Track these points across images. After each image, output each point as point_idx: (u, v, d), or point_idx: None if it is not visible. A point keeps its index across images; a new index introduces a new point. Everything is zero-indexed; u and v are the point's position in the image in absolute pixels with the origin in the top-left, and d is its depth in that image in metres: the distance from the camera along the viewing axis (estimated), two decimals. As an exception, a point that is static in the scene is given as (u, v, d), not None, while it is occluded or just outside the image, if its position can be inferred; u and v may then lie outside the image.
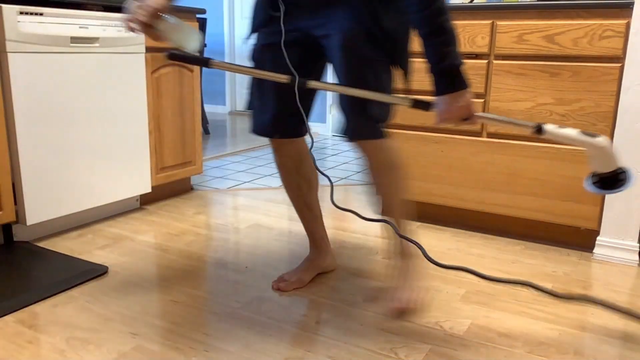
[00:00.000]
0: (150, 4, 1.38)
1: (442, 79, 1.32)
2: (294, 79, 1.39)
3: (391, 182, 1.57)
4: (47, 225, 2.13)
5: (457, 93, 1.32)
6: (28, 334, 1.42)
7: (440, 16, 1.27)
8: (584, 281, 1.82)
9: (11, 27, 1.83)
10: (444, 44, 1.29)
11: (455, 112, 1.33)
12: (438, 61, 1.30)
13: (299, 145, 1.67)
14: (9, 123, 1.90)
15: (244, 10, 6.08)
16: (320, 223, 1.81)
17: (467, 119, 1.35)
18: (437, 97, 1.34)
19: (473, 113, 1.35)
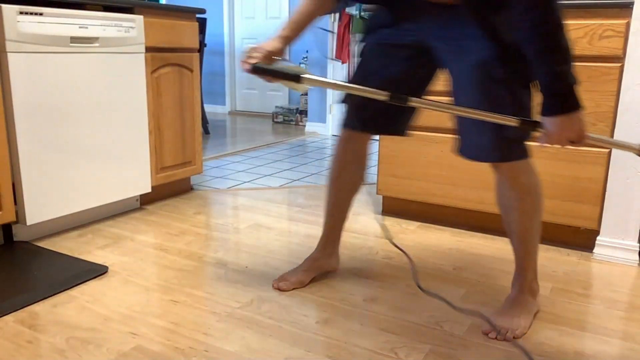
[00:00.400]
0: (265, 47, 1.47)
1: (555, 100, 1.22)
2: (392, 96, 1.30)
3: (528, 207, 1.46)
4: (47, 225, 2.13)
5: (569, 115, 1.22)
6: (28, 334, 1.42)
7: (557, 32, 1.17)
8: (584, 281, 1.82)
9: (11, 27, 1.83)
10: (559, 62, 1.18)
11: (566, 134, 1.23)
12: (552, 81, 1.20)
13: (365, 145, 1.68)
14: (9, 123, 1.90)
15: (243, 10, 6.08)
16: (341, 226, 1.78)
17: (576, 142, 1.25)
18: (546, 117, 1.24)
19: (584, 135, 1.24)
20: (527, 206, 1.46)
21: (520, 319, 1.49)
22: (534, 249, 1.51)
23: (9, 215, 1.94)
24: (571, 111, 1.21)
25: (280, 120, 5.68)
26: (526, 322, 1.49)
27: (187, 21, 2.56)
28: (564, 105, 1.21)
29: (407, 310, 1.58)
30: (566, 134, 1.23)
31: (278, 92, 6.05)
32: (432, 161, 2.29)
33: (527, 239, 1.49)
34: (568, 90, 1.20)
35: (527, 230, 1.48)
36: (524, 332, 1.46)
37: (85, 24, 2.07)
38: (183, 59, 2.58)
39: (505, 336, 1.44)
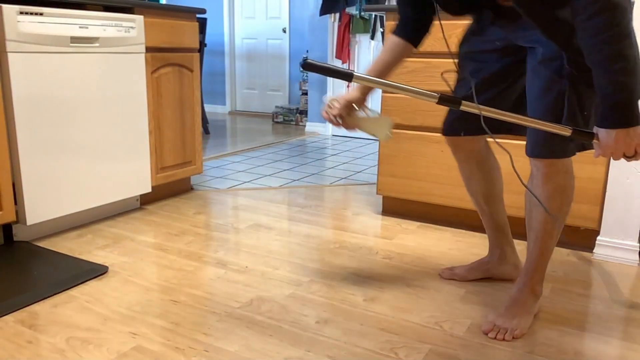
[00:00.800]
0: (346, 97, 1.54)
1: (612, 111, 1.17)
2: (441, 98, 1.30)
3: (555, 207, 1.44)
4: (47, 225, 2.13)
5: (627, 129, 1.17)
6: (28, 334, 1.42)
7: (622, 41, 1.12)
8: (584, 281, 1.82)
9: (11, 27, 1.83)
10: (622, 72, 1.12)
11: (622, 149, 1.19)
12: (612, 91, 1.15)
13: (477, 147, 1.67)
14: (9, 123, 1.90)
15: (244, 10, 6.08)
16: (500, 232, 1.76)
17: (632, 157, 1.21)
18: (603, 129, 1.20)
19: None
20: (554, 206, 1.43)
21: (521, 319, 1.48)
22: (547, 252, 1.49)
23: (9, 215, 1.94)
24: (629, 125, 1.16)
25: (281, 120, 5.68)
26: (526, 322, 1.48)
27: (187, 21, 2.56)
28: (622, 118, 1.16)
29: (407, 310, 1.58)
30: (621, 147, 1.19)
31: (278, 92, 6.06)
32: (432, 161, 2.29)
33: (544, 239, 1.47)
34: (628, 102, 1.15)
35: (547, 231, 1.46)
36: (523, 333, 1.46)
37: (85, 24, 2.07)
38: (183, 59, 2.58)
39: (505, 336, 1.44)
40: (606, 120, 1.18)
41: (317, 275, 1.82)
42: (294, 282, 1.76)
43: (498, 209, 1.74)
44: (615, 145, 1.19)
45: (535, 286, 1.52)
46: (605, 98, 1.16)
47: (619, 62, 1.12)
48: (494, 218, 1.75)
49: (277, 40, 5.92)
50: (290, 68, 5.89)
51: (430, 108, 2.26)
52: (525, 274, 1.52)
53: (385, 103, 2.36)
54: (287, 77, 5.93)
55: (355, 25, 4.60)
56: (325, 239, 2.18)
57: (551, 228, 1.46)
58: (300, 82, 5.62)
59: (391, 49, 1.58)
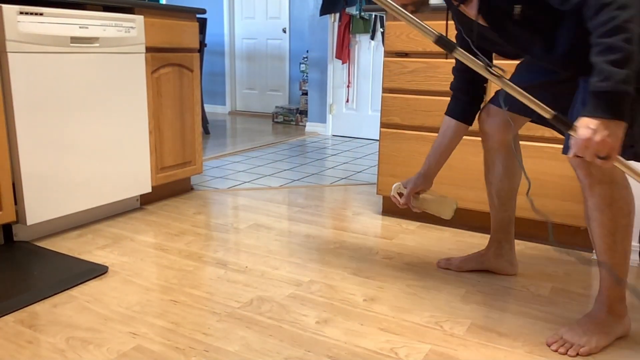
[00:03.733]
0: (410, 187, 1.73)
1: (597, 100, 1.13)
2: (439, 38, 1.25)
3: (607, 221, 1.35)
4: (47, 225, 2.13)
5: (609, 122, 1.12)
6: (28, 334, 1.42)
7: (615, 35, 1.10)
8: (584, 281, 1.81)
9: (11, 27, 1.83)
10: (614, 63, 1.10)
11: (597, 143, 1.13)
12: (599, 80, 1.12)
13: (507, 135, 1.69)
14: (9, 123, 1.90)
15: (244, 10, 6.08)
16: (501, 222, 1.79)
17: (605, 158, 1.15)
18: (584, 117, 1.15)
19: (615, 154, 1.15)
20: (606, 219, 1.34)
21: (592, 337, 1.39)
22: (619, 268, 1.38)
23: (9, 215, 1.94)
24: (610, 117, 1.12)
25: (281, 120, 5.68)
26: (599, 342, 1.39)
27: (187, 21, 2.56)
28: (607, 108, 1.12)
29: (407, 310, 1.58)
30: (597, 142, 1.13)
31: (278, 92, 6.06)
32: (432, 161, 2.28)
33: (608, 255, 1.38)
34: (615, 94, 1.11)
35: (608, 246, 1.37)
36: (591, 352, 1.37)
37: (85, 24, 2.07)
38: (183, 59, 2.58)
39: (568, 350, 1.38)
40: (589, 108, 1.15)
41: (317, 275, 1.82)
42: (294, 282, 1.76)
43: (507, 206, 1.77)
44: (590, 137, 1.13)
45: (613, 304, 1.42)
46: (593, 85, 1.13)
47: (612, 53, 1.11)
48: (501, 213, 1.78)
49: (277, 40, 5.92)
50: (290, 68, 5.89)
51: (430, 108, 2.26)
52: (600, 292, 1.44)
53: (385, 103, 2.36)
54: (287, 77, 5.93)
55: (355, 25, 4.60)
56: (325, 239, 2.18)
57: (612, 243, 1.36)
58: (300, 82, 5.62)
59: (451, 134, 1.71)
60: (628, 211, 1.34)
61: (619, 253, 1.37)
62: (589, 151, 1.15)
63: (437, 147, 1.73)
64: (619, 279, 1.38)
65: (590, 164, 1.29)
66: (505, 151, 1.71)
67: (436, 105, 2.24)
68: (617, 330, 1.43)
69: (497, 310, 1.59)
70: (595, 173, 1.31)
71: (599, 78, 1.12)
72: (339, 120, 4.91)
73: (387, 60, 2.33)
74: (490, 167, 1.75)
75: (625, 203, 1.34)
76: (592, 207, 1.36)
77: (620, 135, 1.14)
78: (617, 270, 1.38)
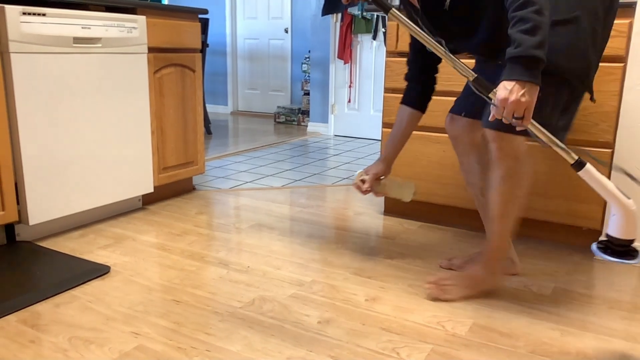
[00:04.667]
0: (373, 172, 1.86)
1: (512, 65, 1.28)
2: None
3: (506, 191, 1.55)
4: (49, 225, 2.14)
5: (524, 83, 1.26)
6: (30, 334, 1.42)
7: (525, 8, 1.27)
8: (586, 281, 1.81)
9: (14, 27, 1.84)
10: (525, 32, 1.26)
11: (513, 102, 1.26)
12: (513, 47, 1.27)
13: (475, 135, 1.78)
14: (11, 123, 1.90)
15: (246, 11, 6.08)
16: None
17: (521, 119, 1.29)
18: (502, 81, 1.29)
19: (530, 114, 1.29)
20: (505, 189, 1.54)
21: (457, 289, 1.64)
22: (505, 232, 1.60)
23: (11, 215, 1.94)
24: (525, 79, 1.26)
25: (282, 121, 5.69)
26: (461, 293, 1.63)
27: (189, 21, 2.57)
28: (519, 71, 1.26)
29: (409, 310, 1.58)
30: (513, 102, 1.26)
31: (280, 92, 6.06)
32: (434, 161, 2.29)
33: (499, 221, 1.59)
34: (527, 58, 1.26)
35: (502, 214, 1.57)
36: (448, 299, 1.62)
37: (88, 25, 2.07)
38: (185, 59, 2.58)
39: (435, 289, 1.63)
40: (506, 72, 1.29)
41: (319, 275, 1.82)
42: (295, 282, 1.76)
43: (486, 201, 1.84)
44: (509, 97, 1.27)
45: (490, 262, 1.65)
46: (509, 53, 1.28)
47: (522, 23, 1.26)
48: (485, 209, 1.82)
49: (279, 40, 5.92)
50: (292, 68, 5.90)
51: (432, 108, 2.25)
52: (484, 249, 1.66)
53: (388, 103, 2.36)
54: (289, 78, 5.93)
55: (357, 25, 4.60)
56: (327, 239, 2.18)
57: (505, 212, 1.57)
58: (302, 82, 5.62)
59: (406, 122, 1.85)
60: (524, 184, 1.56)
61: (508, 219, 1.59)
62: (507, 110, 1.29)
63: (394, 135, 1.87)
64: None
65: (503, 139, 1.48)
66: (477, 150, 1.78)
67: (438, 105, 2.24)
68: (484, 286, 1.66)
69: (499, 310, 1.59)
70: (505, 147, 1.50)
71: (513, 46, 1.28)
72: (341, 120, 4.91)
73: (389, 60, 2.33)
74: (468, 170, 1.83)
75: (524, 177, 1.55)
76: (496, 177, 1.55)
77: (534, 97, 1.28)
78: (503, 234, 1.60)
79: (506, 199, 1.56)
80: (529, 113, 1.29)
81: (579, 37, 1.44)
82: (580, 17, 1.43)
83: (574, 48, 1.45)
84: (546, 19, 1.27)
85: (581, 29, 1.44)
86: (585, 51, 1.46)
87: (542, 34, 1.26)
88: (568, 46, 1.44)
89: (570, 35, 1.43)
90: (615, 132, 1.92)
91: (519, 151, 1.51)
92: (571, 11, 1.43)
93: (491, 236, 1.64)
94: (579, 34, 1.44)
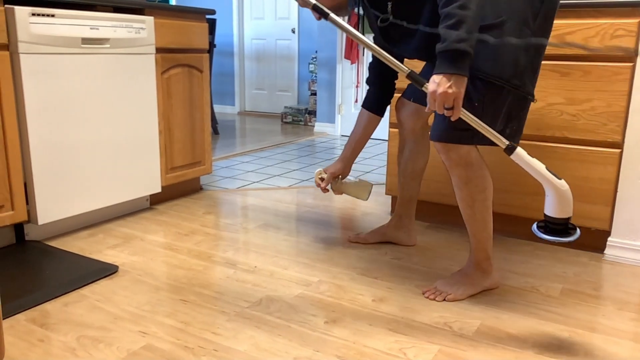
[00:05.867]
0: (331, 171, 1.97)
1: (440, 59, 1.35)
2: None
3: (465, 196, 1.60)
4: (58, 225, 2.15)
5: (450, 75, 1.33)
6: (39, 332, 1.43)
7: (450, 4, 1.33)
8: (594, 282, 1.80)
9: (23, 28, 1.85)
10: (450, 27, 1.32)
11: (442, 94, 1.34)
12: (440, 43, 1.34)
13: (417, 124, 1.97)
14: (21, 123, 1.92)
15: (253, 11, 6.09)
16: (403, 199, 2.05)
17: (451, 109, 1.36)
18: (433, 75, 1.36)
19: (459, 104, 1.35)
20: (464, 195, 1.60)
21: (459, 287, 1.66)
22: (479, 234, 1.64)
23: (20, 215, 1.95)
24: (451, 71, 1.32)
25: (289, 121, 5.69)
26: (464, 291, 1.66)
27: (196, 22, 2.57)
28: (446, 64, 1.33)
29: (416, 311, 1.58)
30: (441, 94, 1.33)
31: (287, 92, 6.06)
32: (441, 161, 2.28)
33: (469, 224, 1.64)
34: (455, 52, 1.31)
35: (469, 217, 1.63)
36: (456, 299, 1.64)
37: (96, 25, 2.08)
38: (193, 60, 2.59)
39: (437, 297, 1.64)
40: (437, 67, 1.35)
41: (326, 275, 1.82)
42: (302, 282, 1.76)
43: (410, 185, 2.04)
44: (437, 90, 1.34)
45: (480, 263, 1.69)
46: (437, 48, 1.35)
47: (447, 19, 1.33)
48: (404, 191, 2.05)
49: (286, 40, 5.93)
50: (299, 68, 5.90)
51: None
52: (471, 252, 1.70)
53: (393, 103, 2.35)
54: (296, 78, 5.94)
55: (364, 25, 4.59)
56: (334, 239, 2.18)
57: (471, 214, 1.62)
58: (309, 82, 5.62)
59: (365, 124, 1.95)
60: (483, 187, 1.58)
61: (478, 222, 1.62)
62: (438, 102, 1.35)
63: (354, 137, 1.96)
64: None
65: (449, 149, 1.54)
66: (414, 138, 1.98)
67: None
68: (484, 283, 1.70)
69: (507, 311, 1.59)
70: (453, 157, 1.55)
71: (440, 42, 1.34)
72: (348, 120, 4.91)
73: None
74: (401, 151, 2.03)
75: (481, 181, 1.57)
76: (454, 184, 1.61)
77: (462, 88, 1.34)
78: (478, 235, 1.64)
79: (468, 203, 1.61)
80: (458, 103, 1.35)
81: (504, 42, 1.44)
82: (506, 21, 1.44)
83: (501, 53, 1.45)
84: (471, 12, 1.31)
85: (507, 33, 1.44)
86: (514, 55, 1.45)
87: (465, 27, 1.31)
88: (495, 51, 1.45)
89: (495, 40, 1.44)
90: (624, 132, 1.91)
91: (469, 158, 1.55)
92: (497, 16, 1.44)
93: (470, 239, 1.68)
94: (504, 39, 1.44)
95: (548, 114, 2.02)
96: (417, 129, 1.97)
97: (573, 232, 1.39)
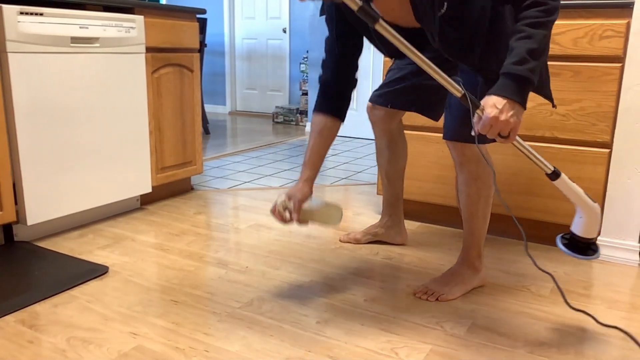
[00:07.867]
0: (296, 197, 1.55)
1: (508, 81, 1.20)
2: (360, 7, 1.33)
3: (473, 193, 1.62)
4: (47, 225, 2.13)
5: (514, 103, 1.20)
6: (29, 334, 1.42)
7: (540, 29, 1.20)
8: (585, 281, 1.82)
9: (11, 27, 1.83)
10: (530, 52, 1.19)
11: (502, 122, 1.20)
12: (514, 62, 1.19)
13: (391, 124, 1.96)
14: (9, 123, 1.90)
15: (244, 10, 6.08)
16: (390, 199, 2.06)
17: (505, 137, 1.24)
18: (492, 96, 1.22)
19: (515, 134, 1.24)
20: (472, 191, 1.62)
21: (452, 287, 1.67)
22: (477, 231, 1.67)
23: (9, 215, 1.94)
24: (518, 100, 1.20)
25: (281, 121, 5.68)
26: (457, 290, 1.67)
27: (187, 21, 2.56)
28: (514, 89, 1.20)
29: (408, 311, 1.59)
30: (502, 122, 1.20)
31: (278, 92, 6.06)
32: (432, 161, 2.29)
33: (470, 221, 1.66)
34: (524, 79, 1.20)
35: (471, 213, 1.65)
36: (449, 298, 1.64)
37: (85, 24, 2.07)
38: (183, 59, 2.58)
39: (429, 297, 1.64)
40: (500, 87, 1.21)
41: (317, 275, 1.82)
42: (294, 282, 1.76)
43: (394, 185, 2.05)
44: (496, 116, 1.20)
45: (472, 261, 1.70)
46: (507, 66, 1.21)
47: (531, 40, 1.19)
48: (389, 191, 2.06)
49: (277, 40, 5.92)
50: (290, 68, 5.89)
51: (430, 108, 2.26)
52: (463, 250, 1.71)
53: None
54: (288, 78, 5.93)
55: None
56: (326, 239, 2.18)
57: (475, 211, 1.64)
58: (300, 82, 5.62)
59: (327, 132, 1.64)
60: (489, 184, 1.62)
61: (480, 218, 1.65)
62: (494, 129, 1.22)
63: (315, 150, 1.62)
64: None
65: (464, 146, 1.55)
66: (389, 138, 1.98)
67: (436, 105, 2.24)
68: (474, 282, 1.71)
69: (498, 310, 1.59)
70: (468, 154, 1.57)
71: (515, 60, 1.19)
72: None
73: (387, 60, 2.32)
74: (379, 151, 2.03)
75: (487, 178, 1.61)
76: (462, 181, 1.63)
77: (521, 118, 1.23)
78: (477, 232, 1.66)
79: (473, 200, 1.63)
80: (514, 134, 1.24)
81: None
82: None
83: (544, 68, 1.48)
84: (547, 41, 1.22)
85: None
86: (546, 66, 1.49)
87: (541, 59, 1.21)
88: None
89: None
90: (613, 132, 1.92)
91: (479, 155, 1.57)
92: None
93: (465, 236, 1.70)
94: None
95: (538, 114, 2.03)
96: (393, 128, 1.97)
97: (594, 252, 1.42)
